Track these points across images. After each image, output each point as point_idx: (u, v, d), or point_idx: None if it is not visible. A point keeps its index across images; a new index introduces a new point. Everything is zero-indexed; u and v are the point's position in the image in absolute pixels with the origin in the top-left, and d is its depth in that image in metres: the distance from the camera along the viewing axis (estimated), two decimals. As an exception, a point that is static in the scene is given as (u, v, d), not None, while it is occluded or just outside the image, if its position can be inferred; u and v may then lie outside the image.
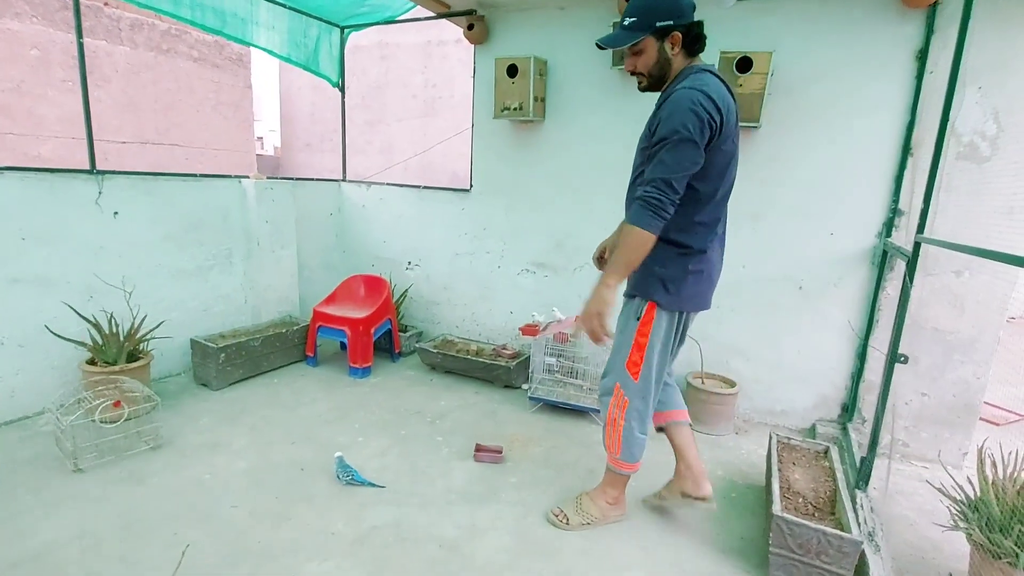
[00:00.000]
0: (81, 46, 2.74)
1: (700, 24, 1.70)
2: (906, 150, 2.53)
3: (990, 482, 1.78)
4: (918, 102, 2.48)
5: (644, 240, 1.65)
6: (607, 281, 1.71)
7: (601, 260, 2.19)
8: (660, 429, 2.13)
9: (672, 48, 1.70)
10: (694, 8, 1.69)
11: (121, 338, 2.67)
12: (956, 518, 1.80)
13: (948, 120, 1.98)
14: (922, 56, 2.45)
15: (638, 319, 1.85)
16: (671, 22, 1.65)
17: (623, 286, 1.85)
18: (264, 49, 3.64)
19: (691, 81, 1.65)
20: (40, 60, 5.73)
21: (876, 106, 2.57)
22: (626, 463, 1.97)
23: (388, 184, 4.11)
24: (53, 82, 5.84)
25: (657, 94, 1.82)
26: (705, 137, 1.61)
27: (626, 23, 1.69)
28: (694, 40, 1.70)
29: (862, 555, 1.80)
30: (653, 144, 1.66)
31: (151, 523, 1.93)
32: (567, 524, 2.02)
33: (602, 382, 1.99)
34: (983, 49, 2.25)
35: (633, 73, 1.79)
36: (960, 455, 2.63)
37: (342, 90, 4.26)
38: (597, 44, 1.77)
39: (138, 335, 2.74)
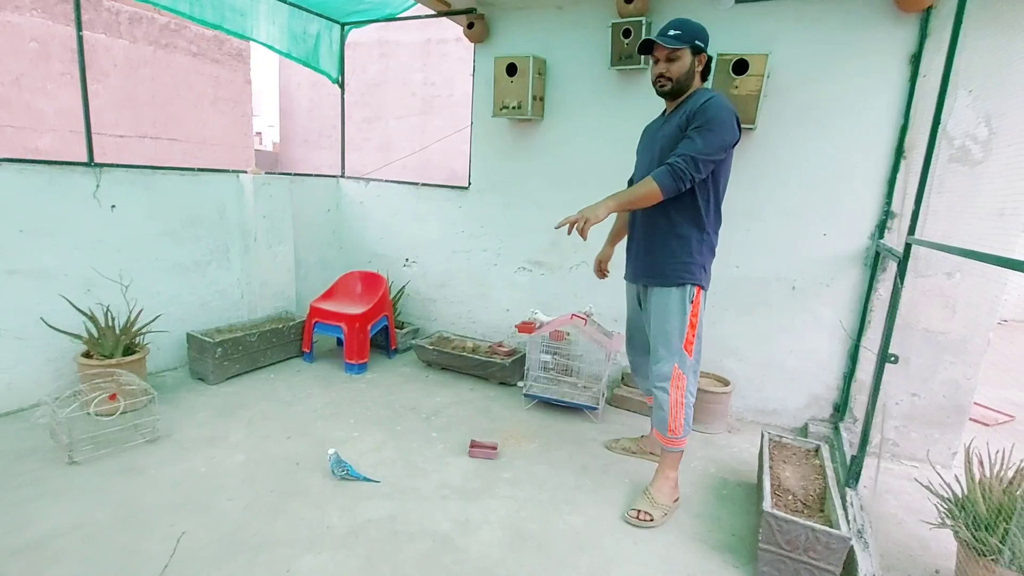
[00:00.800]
0: (80, 39, 2.74)
1: (712, 58, 2.11)
2: (899, 152, 2.56)
3: (977, 481, 1.81)
4: (911, 105, 2.50)
5: (655, 196, 1.91)
6: (607, 203, 1.91)
7: (601, 271, 2.53)
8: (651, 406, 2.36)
9: (698, 65, 2.03)
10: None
11: (117, 331, 2.68)
12: (943, 516, 1.83)
13: (940, 123, 2.00)
14: (916, 60, 2.47)
15: (691, 302, 2.08)
16: (703, 45, 2.00)
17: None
18: (264, 44, 3.65)
19: (716, 93, 1.98)
20: (39, 53, 5.72)
21: (870, 109, 2.59)
22: (685, 438, 2.15)
23: (386, 181, 4.12)
24: (52, 75, 5.83)
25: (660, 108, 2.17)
26: (734, 138, 1.94)
27: (672, 34, 1.97)
28: (708, 66, 2.09)
29: (850, 552, 1.82)
30: (694, 127, 1.90)
31: (148, 515, 1.94)
32: (652, 521, 2.07)
33: (657, 369, 2.13)
34: (975, 53, 2.27)
35: (660, 77, 2.04)
36: (949, 455, 2.66)
37: (341, 86, 4.27)
38: (649, 39, 2.01)
39: (134, 329, 2.75)
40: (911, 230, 2.03)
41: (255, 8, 3.48)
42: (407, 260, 4.08)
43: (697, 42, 1.98)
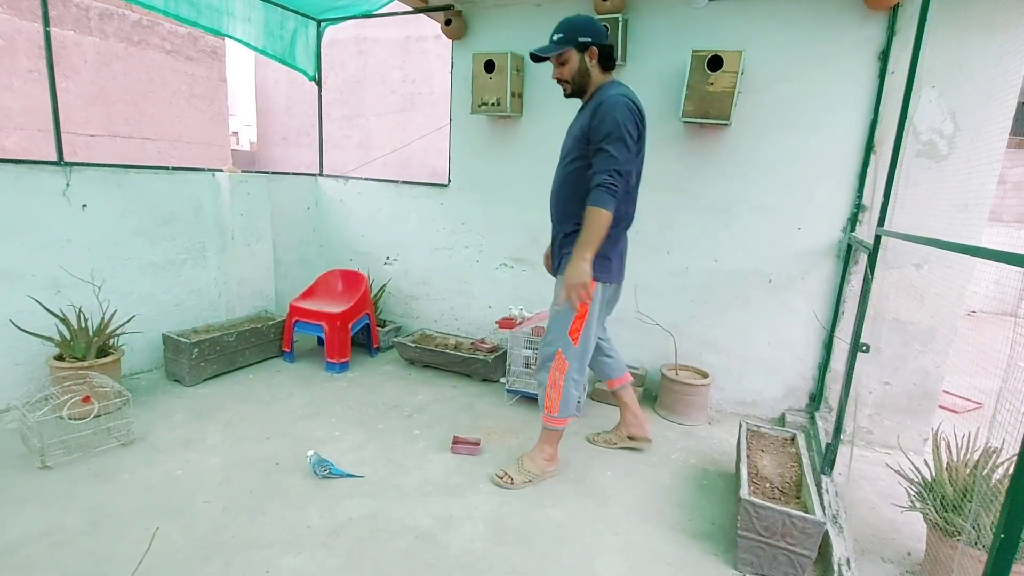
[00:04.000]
0: (48, 35, 2.67)
1: (612, 46, 2.11)
2: (869, 147, 2.62)
3: (944, 465, 1.86)
4: (880, 101, 2.57)
5: (607, 218, 1.94)
6: (585, 255, 1.95)
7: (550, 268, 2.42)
8: (613, 393, 2.58)
9: (591, 61, 2.05)
10: (607, 33, 2.13)
11: (90, 333, 2.61)
12: (914, 499, 1.88)
13: (907, 118, 2.06)
14: (884, 56, 2.54)
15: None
16: (590, 39, 2.01)
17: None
18: (240, 41, 3.59)
19: (616, 88, 2.02)
20: (4, 50, 5.55)
21: (841, 105, 2.65)
22: (562, 419, 2.25)
23: (366, 179, 4.09)
24: (18, 72, 5.66)
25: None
26: (635, 136, 2.00)
27: (555, 38, 2.03)
28: (607, 57, 2.07)
29: (825, 536, 1.87)
30: (599, 140, 1.96)
31: (121, 519, 1.91)
32: (512, 484, 2.23)
33: (543, 351, 2.24)
34: (940, 50, 2.34)
35: (559, 81, 2.11)
36: (920, 441, 2.74)
37: (319, 84, 4.22)
38: (531, 55, 2.09)
39: (108, 330, 2.69)
40: (880, 222, 2.08)
41: (231, 4, 3.42)
42: (388, 258, 4.05)
43: (580, 39, 1.99)
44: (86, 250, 2.81)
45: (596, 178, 1.94)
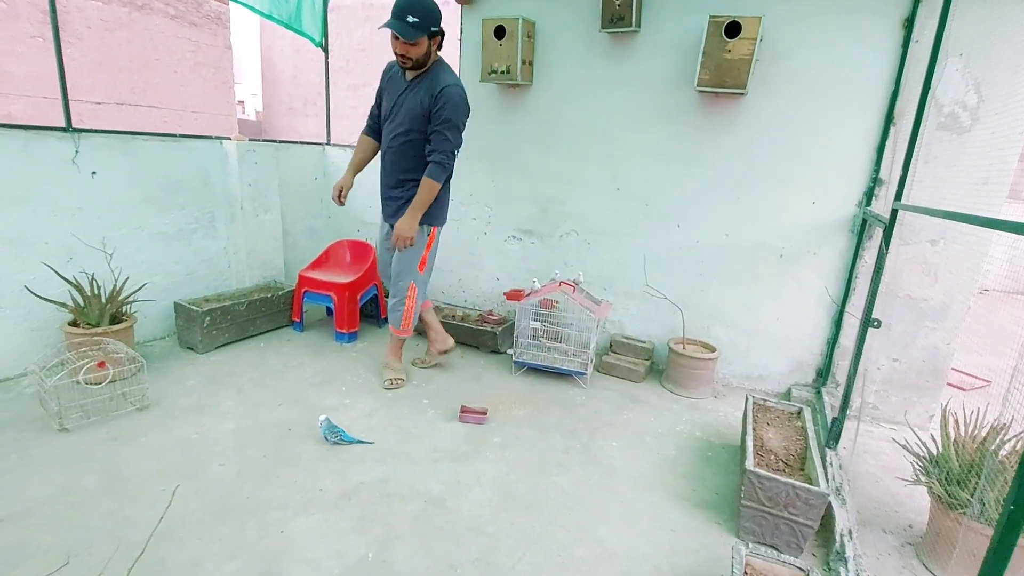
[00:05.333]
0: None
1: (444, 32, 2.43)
2: (889, 119, 2.56)
3: (952, 439, 1.87)
4: (903, 71, 2.49)
5: (438, 188, 2.51)
6: (417, 215, 2.54)
7: (340, 199, 2.78)
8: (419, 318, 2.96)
9: (434, 45, 2.40)
10: None
11: (103, 300, 2.64)
12: (918, 473, 1.90)
13: (930, 89, 2.00)
14: (909, 24, 2.45)
15: (428, 236, 2.70)
16: (438, 29, 2.35)
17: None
18: (245, 5, 3.51)
19: (451, 76, 2.45)
20: (7, 14, 5.47)
21: (862, 74, 2.58)
22: (408, 331, 2.82)
23: (373, 149, 4.04)
24: (21, 38, 5.59)
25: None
26: (465, 123, 2.51)
27: (410, 20, 2.25)
28: (442, 41, 2.43)
29: (829, 507, 1.89)
30: (439, 124, 2.41)
31: (138, 481, 1.96)
32: (403, 381, 2.84)
33: (398, 286, 2.74)
34: (968, 18, 2.25)
35: (403, 56, 2.36)
36: (927, 418, 2.75)
37: (325, 50, 4.14)
38: (389, 27, 2.25)
39: (120, 297, 2.72)
40: (898, 196, 2.05)
41: (234, -34, 3.34)
42: (396, 230, 4.04)
43: (433, 28, 2.31)
44: (97, 218, 2.82)
45: (435, 156, 2.45)
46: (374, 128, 2.75)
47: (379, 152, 2.73)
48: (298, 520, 1.81)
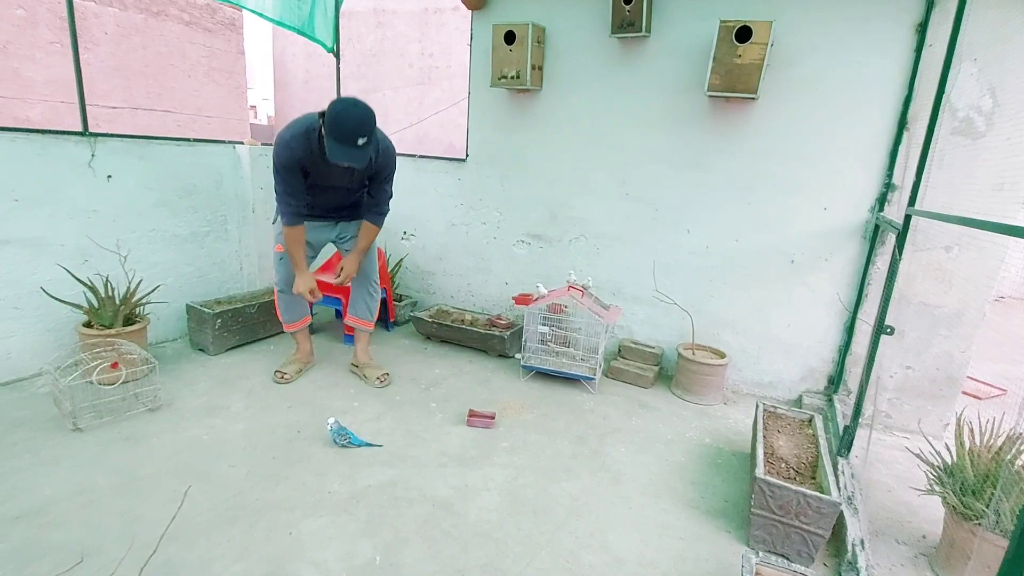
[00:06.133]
0: (71, 5, 2.67)
1: None
2: (902, 125, 2.53)
3: (966, 449, 1.84)
4: (916, 76, 2.47)
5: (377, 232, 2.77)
6: (357, 258, 2.72)
7: (313, 294, 2.67)
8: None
9: None
10: None
11: (117, 301, 2.67)
12: (932, 483, 1.87)
13: (944, 94, 1.98)
14: (922, 29, 2.43)
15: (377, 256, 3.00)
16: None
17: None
18: (256, 13, 3.55)
19: (381, 133, 2.46)
20: (26, 20, 5.58)
21: (874, 79, 2.56)
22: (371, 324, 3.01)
23: (384, 153, 4.07)
24: (40, 44, 5.69)
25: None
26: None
27: (361, 143, 2.20)
28: None
29: (840, 517, 1.87)
30: (382, 179, 2.60)
31: (150, 480, 1.98)
32: (389, 375, 2.94)
33: (375, 293, 2.98)
34: (982, 22, 2.23)
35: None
36: (941, 426, 2.71)
37: (337, 56, 4.18)
38: (349, 163, 2.25)
39: (134, 299, 2.75)
40: (911, 202, 2.03)
41: (247, -27, 3.38)
42: (405, 233, 4.06)
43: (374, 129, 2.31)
44: (111, 221, 2.86)
45: (382, 207, 2.68)
46: (302, 213, 2.48)
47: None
48: (306, 522, 1.82)
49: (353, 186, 2.61)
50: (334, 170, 2.40)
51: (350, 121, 2.15)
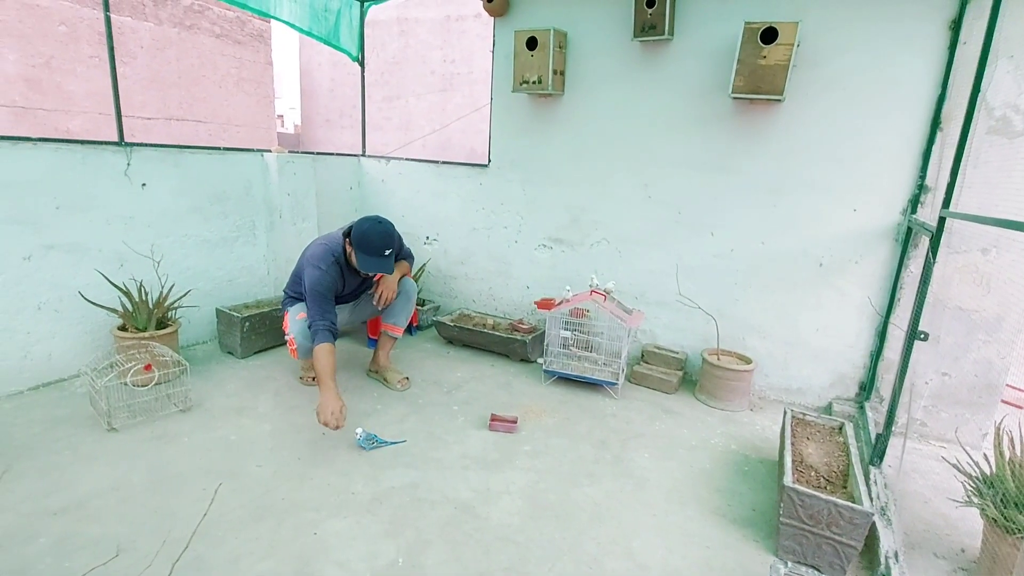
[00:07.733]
0: (108, 21, 2.78)
1: None
2: (935, 124, 2.46)
3: (1007, 459, 1.77)
4: (950, 74, 2.40)
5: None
6: (397, 278, 2.86)
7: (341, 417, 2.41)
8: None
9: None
10: None
11: (150, 305, 2.76)
12: (971, 494, 1.80)
13: (979, 92, 1.92)
14: (955, 26, 2.36)
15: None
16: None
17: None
18: (286, 23, 3.64)
19: (397, 234, 2.68)
20: (68, 36, 5.82)
21: (906, 78, 2.50)
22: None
23: (407, 159, 4.13)
24: (81, 58, 5.94)
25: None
26: None
27: (387, 254, 2.54)
28: None
29: (873, 528, 1.82)
30: (405, 252, 2.97)
31: (182, 478, 2.03)
32: (409, 379, 2.97)
33: (412, 297, 2.99)
34: (1018, 18, 2.16)
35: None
36: (980, 436, 2.61)
37: (362, 64, 4.26)
38: (381, 271, 2.60)
39: (166, 303, 2.84)
40: (945, 203, 1.97)
41: (277, -15, 3.48)
42: (428, 238, 4.10)
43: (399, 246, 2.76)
44: (146, 227, 2.96)
45: (406, 256, 3.00)
46: (333, 331, 2.50)
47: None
48: (331, 522, 1.84)
49: (368, 284, 2.91)
50: (357, 278, 2.77)
51: (378, 238, 2.50)
